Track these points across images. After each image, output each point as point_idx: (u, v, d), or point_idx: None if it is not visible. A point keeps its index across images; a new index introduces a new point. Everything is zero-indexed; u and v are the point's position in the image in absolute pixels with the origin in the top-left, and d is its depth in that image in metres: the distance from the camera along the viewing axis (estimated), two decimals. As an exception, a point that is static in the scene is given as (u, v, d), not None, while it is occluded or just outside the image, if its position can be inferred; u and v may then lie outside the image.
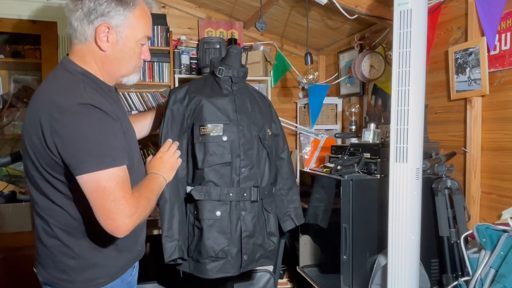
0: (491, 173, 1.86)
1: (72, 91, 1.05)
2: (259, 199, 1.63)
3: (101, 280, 1.18)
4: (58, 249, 1.15)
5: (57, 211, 1.12)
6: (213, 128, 1.56)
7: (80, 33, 1.11)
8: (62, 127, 1.00)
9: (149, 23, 1.20)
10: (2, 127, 2.79)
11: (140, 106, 2.98)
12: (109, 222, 1.03)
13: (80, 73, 1.13)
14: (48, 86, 1.11)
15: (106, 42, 1.12)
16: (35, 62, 2.73)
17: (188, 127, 1.61)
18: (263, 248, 1.66)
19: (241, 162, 1.59)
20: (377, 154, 1.91)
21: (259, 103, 1.75)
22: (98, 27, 1.10)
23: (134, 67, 1.22)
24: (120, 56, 1.16)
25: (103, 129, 1.04)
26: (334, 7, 2.17)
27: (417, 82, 1.55)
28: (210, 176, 1.56)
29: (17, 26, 2.52)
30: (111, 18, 1.10)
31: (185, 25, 3.25)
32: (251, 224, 1.60)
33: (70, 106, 1.01)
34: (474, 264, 1.57)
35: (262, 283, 1.98)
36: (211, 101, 1.60)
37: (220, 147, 1.56)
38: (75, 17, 1.11)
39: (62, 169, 1.06)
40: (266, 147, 1.68)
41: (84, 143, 1.01)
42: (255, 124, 1.65)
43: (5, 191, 2.76)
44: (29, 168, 1.12)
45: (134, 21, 1.14)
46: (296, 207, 1.85)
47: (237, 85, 1.66)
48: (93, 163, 1.01)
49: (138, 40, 1.17)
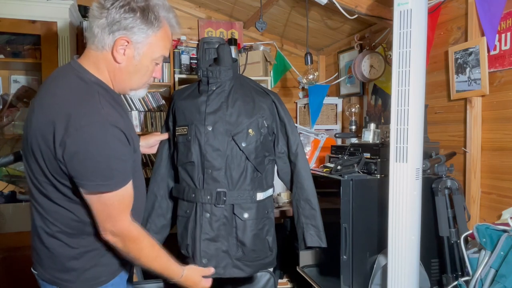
0: (491, 173, 1.86)
1: (89, 106, 1.06)
2: (228, 203, 1.56)
3: (103, 278, 1.19)
4: (60, 250, 1.15)
5: (63, 214, 1.13)
6: (181, 129, 1.64)
7: (99, 40, 1.11)
8: (74, 144, 1.02)
9: (168, 46, 1.21)
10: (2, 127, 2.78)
11: (140, 106, 2.99)
12: (100, 228, 1.12)
13: (94, 83, 1.13)
14: (62, 94, 1.10)
15: (122, 55, 1.12)
16: (35, 62, 2.73)
17: (172, 128, 1.73)
18: (229, 256, 1.57)
19: (206, 163, 1.56)
20: (377, 154, 1.91)
21: (251, 101, 1.62)
22: (118, 39, 1.10)
23: (144, 83, 1.23)
24: (133, 71, 1.16)
25: (113, 151, 1.06)
26: (334, 7, 2.17)
27: (417, 82, 1.55)
28: (182, 174, 1.64)
29: (17, 26, 2.51)
30: (133, 34, 1.10)
31: (185, 25, 3.25)
32: (214, 228, 1.55)
33: (88, 124, 1.02)
34: (474, 264, 1.57)
35: (262, 283, 1.97)
36: (181, 103, 1.67)
37: (185, 147, 1.60)
38: (97, 24, 1.10)
39: (71, 177, 1.08)
40: (244, 149, 1.56)
41: (92, 164, 1.04)
42: (230, 124, 1.57)
43: (5, 191, 2.76)
44: (35, 171, 1.12)
45: (155, 42, 1.15)
46: (314, 225, 1.68)
47: (216, 84, 1.60)
48: (97, 184, 1.05)
49: (154, 59, 1.18)
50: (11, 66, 2.86)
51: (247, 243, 1.58)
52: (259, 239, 1.62)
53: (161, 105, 3.04)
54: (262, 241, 1.63)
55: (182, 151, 1.62)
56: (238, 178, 1.58)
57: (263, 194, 1.64)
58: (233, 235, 1.58)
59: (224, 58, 1.66)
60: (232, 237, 1.58)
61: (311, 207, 1.68)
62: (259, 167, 1.62)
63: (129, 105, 2.96)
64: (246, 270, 1.60)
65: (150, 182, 1.75)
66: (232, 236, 1.58)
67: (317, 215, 1.69)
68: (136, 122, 2.95)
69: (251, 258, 1.60)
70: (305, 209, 1.69)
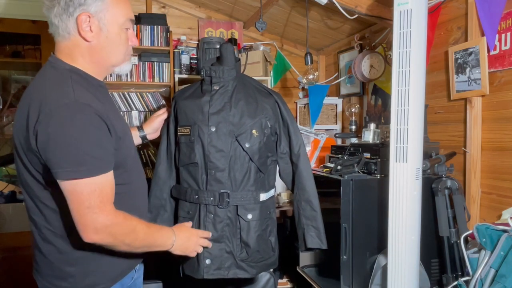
0: (491, 173, 1.86)
1: (60, 90, 1.04)
2: (231, 205, 1.55)
3: (102, 285, 1.16)
4: (55, 256, 1.13)
5: (51, 215, 1.11)
6: (184, 129, 1.61)
7: (62, 28, 1.10)
8: (44, 129, 0.99)
9: (128, 5, 1.19)
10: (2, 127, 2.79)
11: (140, 106, 2.98)
12: (80, 227, 1.03)
13: (68, 70, 1.11)
14: (35, 86, 1.10)
15: (89, 31, 1.11)
16: (35, 62, 2.74)
17: (174, 128, 1.71)
18: (233, 257, 1.55)
19: (209, 164, 1.54)
20: (377, 154, 1.91)
21: (254, 101, 1.61)
22: (79, 17, 1.08)
23: (124, 54, 1.20)
24: (106, 44, 1.14)
25: (86, 135, 1.02)
26: (334, 7, 2.17)
27: (417, 82, 1.55)
28: (184, 175, 1.62)
29: (17, 26, 2.52)
30: (89, 6, 1.09)
31: (185, 25, 3.25)
32: (218, 229, 1.54)
33: (56, 107, 0.99)
34: (474, 264, 1.57)
35: (262, 283, 1.97)
36: (184, 103, 1.64)
37: (188, 147, 1.58)
38: (53, 13, 1.10)
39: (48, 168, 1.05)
40: (247, 150, 1.56)
41: (63, 149, 0.99)
42: (233, 125, 1.55)
43: (5, 191, 2.77)
44: (21, 171, 1.11)
45: (113, 5, 1.13)
46: (315, 227, 1.68)
47: (219, 84, 1.59)
48: (68, 171, 1.00)
49: (121, 24, 1.16)
50: (11, 66, 2.86)
51: (251, 244, 1.57)
52: (262, 240, 1.61)
53: (161, 105, 3.04)
54: (265, 241, 1.63)
55: (184, 152, 1.60)
56: (241, 179, 1.56)
57: (266, 194, 1.63)
58: (237, 236, 1.57)
59: (227, 58, 1.64)
60: (236, 238, 1.57)
61: (312, 209, 1.68)
62: (262, 167, 1.61)
63: (129, 105, 2.96)
64: (251, 271, 1.58)
65: (152, 186, 1.71)
66: (236, 237, 1.57)
67: (318, 217, 1.68)
68: (136, 122, 2.95)
69: (256, 259, 1.59)
70: (306, 210, 1.68)
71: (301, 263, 2.32)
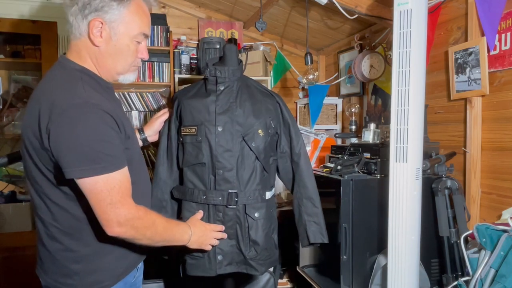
0: (491, 173, 1.86)
1: (71, 90, 1.05)
2: (240, 204, 1.56)
3: (106, 283, 1.17)
4: (61, 253, 1.14)
5: (60, 213, 1.12)
6: (189, 129, 1.60)
7: (75, 28, 1.11)
8: (57, 129, 1.00)
9: (145, 21, 1.18)
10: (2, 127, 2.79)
11: (140, 106, 2.99)
12: (104, 223, 1.06)
13: (78, 70, 1.12)
14: (46, 85, 1.10)
15: (99, 37, 1.11)
16: (35, 62, 2.74)
17: (176, 128, 1.68)
18: (243, 254, 1.58)
19: (217, 164, 1.54)
20: (377, 154, 1.91)
21: (258, 102, 1.63)
22: (91, 22, 1.09)
23: (130, 65, 1.20)
24: (113, 52, 1.14)
25: (99, 133, 1.03)
26: (334, 7, 2.17)
27: (417, 82, 1.55)
28: (188, 176, 1.60)
29: (17, 26, 2.52)
30: (105, 13, 1.10)
31: (185, 25, 3.25)
32: (227, 227, 1.56)
33: (68, 107, 1.01)
34: (474, 264, 1.57)
35: (262, 283, 1.97)
36: (189, 103, 1.62)
37: (195, 147, 1.57)
38: (71, 12, 1.11)
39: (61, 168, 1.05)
40: (254, 149, 1.57)
41: (77, 148, 1.00)
42: (240, 125, 1.57)
43: (5, 191, 2.76)
44: (31, 169, 1.11)
45: (129, 17, 1.13)
46: (316, 222, 1.70)
47: (224, 84, 1.60)
48: (84, 169, 1.01)
49: (133, 37, 1.16)
50: (11, 66, 2.86)
51: (260, 242, 1.59)
52: (268, 238, 1.63)
53: (161, 105, 3.04)
54: (270, 239, 1.65)
55: (190, 152, 1.59)
56: (248, 178, 1.58)
57: (270, 193, 1.66)
58: (246, 235, 1.58)
59: (231, 58, 1.64)
60: (245, 237, 1.58)
61: (313, 205, 1.70)
62: (267, 166, 1.63)
63: (129, 105, 2.96)
64: (260, 269, 1.61)
65: (153, 187, 1.69)
66: (245, 236, 1.58)
67: (319, 213, 1.70)
68: (136, 122, 2.95)
69: (264, 256, 1.62)
70: (307, 207, 1.70)
71: (301, 263, 2.33)
